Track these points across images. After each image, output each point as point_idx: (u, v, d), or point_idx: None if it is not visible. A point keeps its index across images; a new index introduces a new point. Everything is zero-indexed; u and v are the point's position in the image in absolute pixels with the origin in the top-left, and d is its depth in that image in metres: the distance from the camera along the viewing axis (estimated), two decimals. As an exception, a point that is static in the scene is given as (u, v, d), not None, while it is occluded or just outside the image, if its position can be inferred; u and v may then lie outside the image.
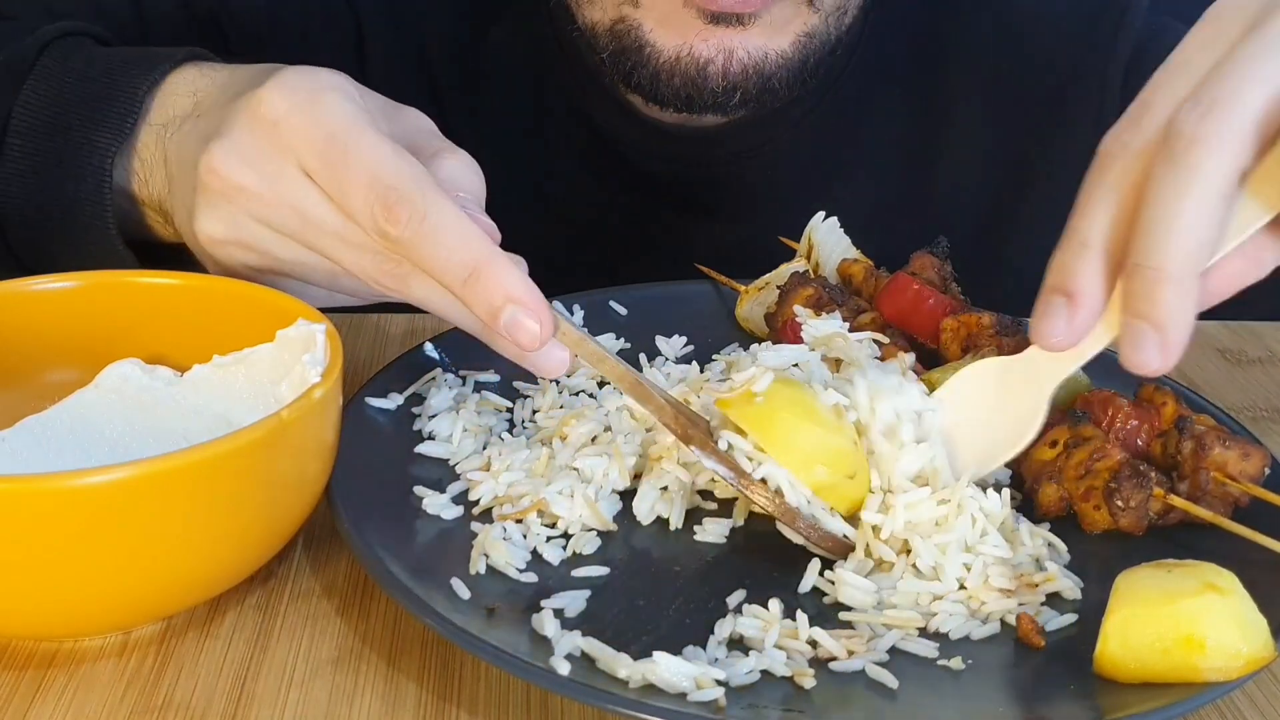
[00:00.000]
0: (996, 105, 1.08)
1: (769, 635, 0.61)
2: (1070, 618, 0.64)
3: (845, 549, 0.67)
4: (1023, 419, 0.69)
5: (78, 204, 0.77)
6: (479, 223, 0.66)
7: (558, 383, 0.81)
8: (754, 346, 0.81)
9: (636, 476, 0.72)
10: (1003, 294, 0.83)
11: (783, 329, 0.83)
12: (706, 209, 1.09)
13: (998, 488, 0.70)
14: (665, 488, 0.71)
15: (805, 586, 0.66)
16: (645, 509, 0.70)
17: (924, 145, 1.09)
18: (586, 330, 0.72)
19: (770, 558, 0.68)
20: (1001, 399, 0.69)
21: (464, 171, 0.70)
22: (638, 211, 1.08)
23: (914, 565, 0.66)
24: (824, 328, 0.79)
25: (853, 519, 0.68)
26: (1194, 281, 0.57)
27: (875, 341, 0.80)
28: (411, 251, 0.65)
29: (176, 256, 0.79)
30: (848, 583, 0.65)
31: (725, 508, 0.72)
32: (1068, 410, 0.74)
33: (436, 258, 0.65)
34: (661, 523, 0.70)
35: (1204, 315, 0.98)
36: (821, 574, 0.66)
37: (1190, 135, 0.56)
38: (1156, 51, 1.08)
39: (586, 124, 1.06)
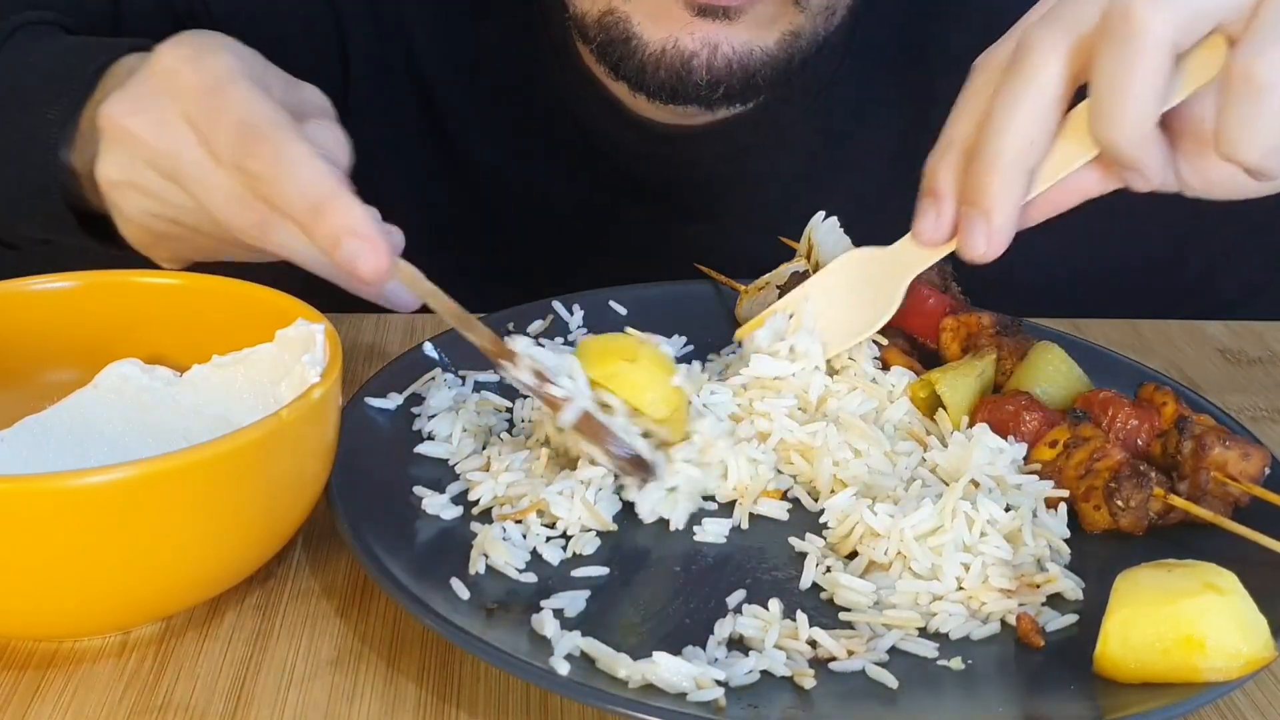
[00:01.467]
0: None
1: (769, 635, 0.61)
2: (1070, 618, 0.64)
3: (644, 471, 0.70)
4: (881, 303, 0.75)
5: (26, 172, 0.79)
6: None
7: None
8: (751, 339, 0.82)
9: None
10: (997, 296, 0.83)
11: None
12: (697, 210, 1.09)
13: (1055, 504, 0.70)
14: (674, 488, 0.71)
15: (805, 584, 0.66)
16: (647, 509, 0.70)
17: (917, 151, 1.09)
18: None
19: (770, 558, 0.68)
20: (865, 285, 0.76)
21: (330, 138, 0.72)
22: (627, 212, 1.08)
23: (909, 568, 0.66)
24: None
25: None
26: (1020, 174, 0.65)
27: (875, 342, 0.80)
28: (267, 187, 0.67)
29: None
30: (845, 584, 0.65)
31: (725, 508, 0.72)
32: (1068, 410, 0.74)
33: (288, 193, 0.66)
34: (662, 523, 0.70)
35: (1204, 315, 1.00)
36: (820, 570, 0.66)
37: (1025, 45, 0.65)
38: None
39: (576, 124, 1.06)
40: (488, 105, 1.08)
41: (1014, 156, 0.65)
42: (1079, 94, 0.65)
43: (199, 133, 0.69)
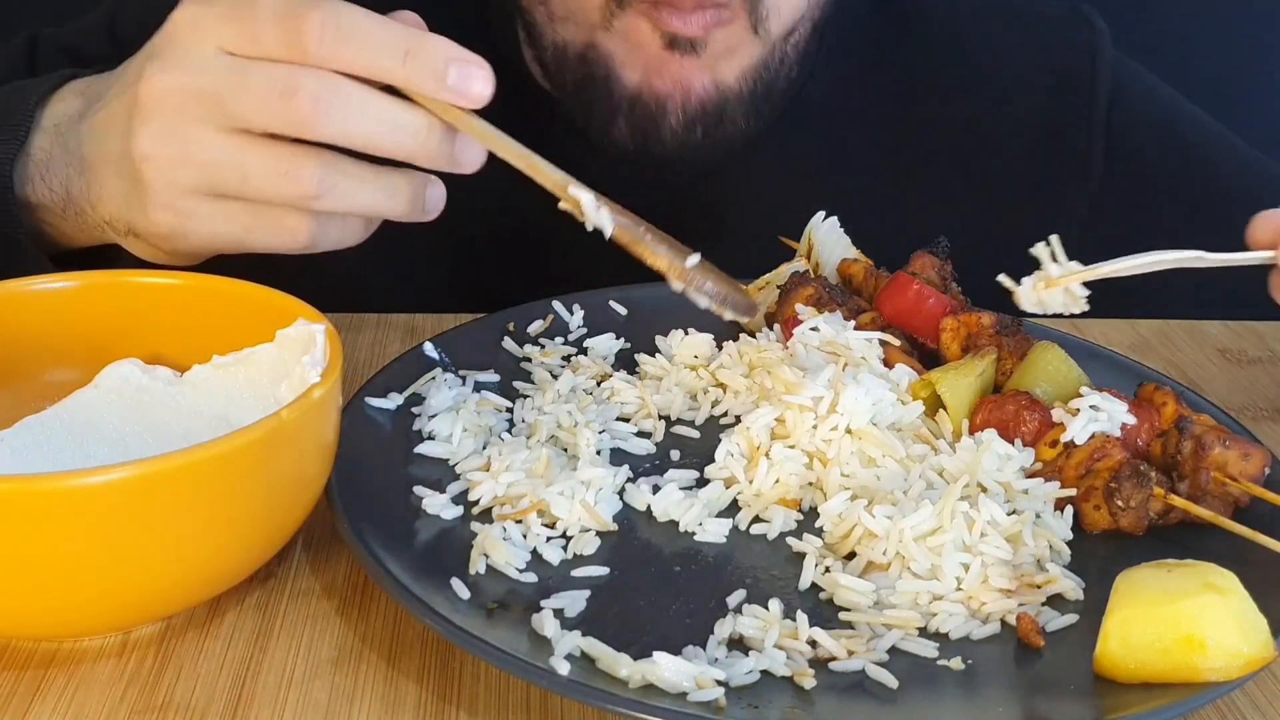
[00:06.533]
0: (966, 149, 1.08)
1: (769, 635, 0.61)
2: (1071, 618, 0.64)
3: (749, 307, 0.71)
4: None
5: None
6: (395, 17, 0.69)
7: (556, 378, 0.81)
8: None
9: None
10: (997, 296, 0.83)
11: (784, 329, 0.83)
12: (668, 232, 1.06)
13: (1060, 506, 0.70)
14: (691, 488, 0.71)
15: (804, 584, 0.66)
16: (661, 508, 0.70)
17: (889, 175, 1.08)
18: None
19: (770, 558, 0.68)
20: None
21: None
22: (597, 237, 1.05)
23: (909, 569, 0.66)
24: (823, 327, 0.80)
25: None
26: None
27: (882, 342, 0.80)
28: (336, 55, 0.66)
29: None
30: (845, 584, 0.65)
31: (728, 509, 0.72)
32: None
33: (366, 50, 0.66)
34: (661, 523, 0.70)
35: (1204, 315, 0.99)
36: (819, 570, 0.66)
37: None
38: (1130, 96, 1.09)
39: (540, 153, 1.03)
40: None
41: None
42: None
43: (239, 52, 0.68)
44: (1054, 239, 0.71)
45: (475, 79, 0.67)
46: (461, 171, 0.71)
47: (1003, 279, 0.71)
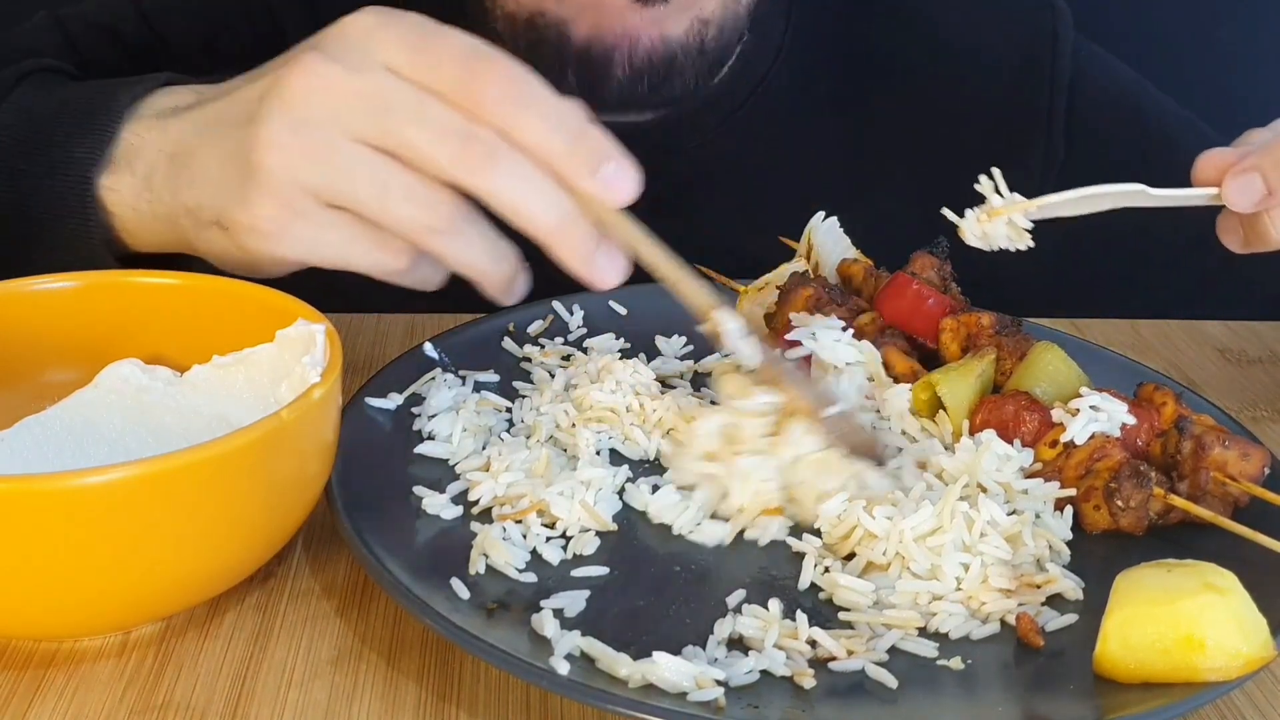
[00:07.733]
0: (933, 129, 1.09)
1: (769, 635, 0.61)
2: (1070, 618, 0.64)
3: (876, 450, 0.71)
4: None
5: (61, 218, 0.76)
6: None
7: (554, 376, 0.81)
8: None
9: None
10: (997, 296, 0.83)
11: (783, 330, 0.83)
12: (634, 205, 1.07)
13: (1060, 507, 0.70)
14: (691, 488, 0.71)
15: (804, 584, 0.66)
16: (656, 508, 0.70)
17: (859, 154, 1.09)
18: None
19: (770, 558, 0.68)
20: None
21: None
22: None
23: (908, 568, 0.66)
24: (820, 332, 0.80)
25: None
26: None
27: (881, 343, 0.79)
28: (510, 117, 0.65)
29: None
30: (844, 584, 0.65)
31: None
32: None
33: (539, 121, 0.66)
34: (662, 523, 0.70)
35: (1204, 315, 1.00)
36: (819, 570, 0.66)
37: None
38: (1092, 78, 1.11)
39: None
40: None
41: None
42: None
43: (410, 76, 0.66)
44: (995, 172, 0.72)
45: (625, 178, 0.67)
46: (595, 284, 0.69)
47: (946, 212, 0.72)
